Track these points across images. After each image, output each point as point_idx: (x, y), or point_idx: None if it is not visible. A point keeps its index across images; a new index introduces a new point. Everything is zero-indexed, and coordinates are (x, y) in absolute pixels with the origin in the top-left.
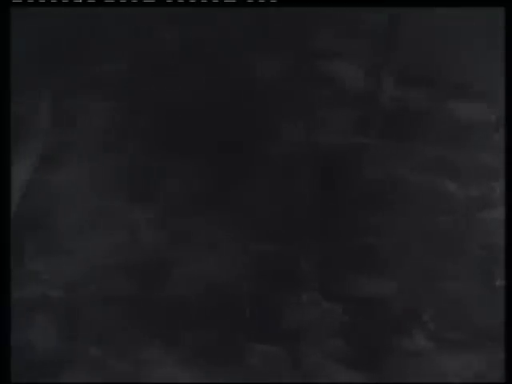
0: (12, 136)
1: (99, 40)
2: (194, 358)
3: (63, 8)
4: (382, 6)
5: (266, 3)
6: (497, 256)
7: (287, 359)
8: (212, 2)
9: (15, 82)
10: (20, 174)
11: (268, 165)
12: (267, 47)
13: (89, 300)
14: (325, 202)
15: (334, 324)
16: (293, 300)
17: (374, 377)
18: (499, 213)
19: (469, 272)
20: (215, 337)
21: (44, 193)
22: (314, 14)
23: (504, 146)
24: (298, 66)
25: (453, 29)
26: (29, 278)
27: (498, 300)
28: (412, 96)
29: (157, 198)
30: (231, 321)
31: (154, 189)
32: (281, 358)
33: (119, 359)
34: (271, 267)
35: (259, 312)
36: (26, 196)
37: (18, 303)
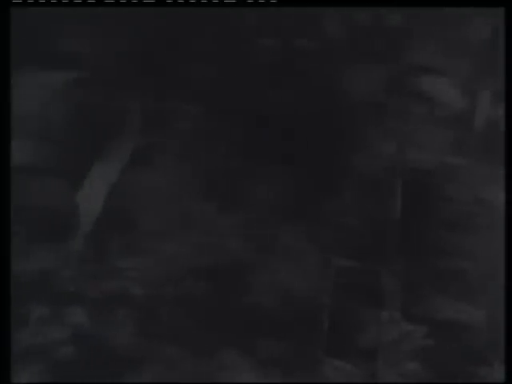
0: (102, 136)
1: (190, 42)
2: (269, 366)
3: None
4: (383, 6)
5: (266, 3)
6: None
7: (362, 377)
8: (212, 2)
9: (108, 83)
10: (108, 173)
11: (357, 178)
12: (363, 60)
13: (169, 300)
14: (413, 220)
15: (412, 346)
16: (372, 318)
17: None
18: None
19: None
20: (291, 348)
21: (132, 193)
22: (410, 29)
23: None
24: (393, 81)
25: None
26: (112, 275)
27: None
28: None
29: (244, 203)
30: (308, 333)
31: (241, 194)
32: (355, 376)
33: (194, 361)
34: (352, 282)
35: (337, 327)
36: (114, 195)
37: (100, 299)
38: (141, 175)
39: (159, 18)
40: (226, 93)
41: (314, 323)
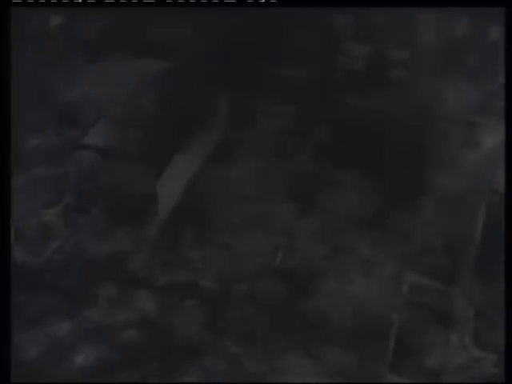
0: (187, 127)
1: (282, 45)
2: (332, 374)
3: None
4: (383, 6)
5: (266, 3)
6: None
7: None
8: (212, 2)
9: (198, 76)
10: (190, 164)
11: (439, 195)
12: (456, 74)
13: (239, 297)
14: (493, 245)
15: (480, 373)
16: (441, 340)
17: None
18: None
19: None
20: (355, 359)
21: (211, 186)
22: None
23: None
24: (486, 98)
25: None
26: (183, 266)
27: None
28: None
29: (322, 208)
30: (374, 347)
31: (320, 199)
32: None
33: (257, 361)
34: (424, 301)
35: (404, 344)
36: (192, 187)
37: (169, 287)
38: (222, 170)
39: (249, 17)
40: (316, 97)
41: (381, 338)
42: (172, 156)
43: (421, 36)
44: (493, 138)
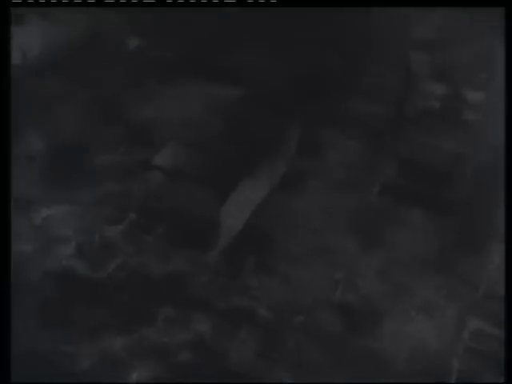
0: (256, 154)
1: (358, 79)
2: None
3: None
4: (384, 6)
5: (266, 3)
6: None
7: None
8: (212, 2)
9: (270, 104)
10: (256, 191)
11: (504, 241)
12: None
13: (295, 328)
14: None
15: None
16: None
17: None
18: None
19: None
20: None
21: (276, 215)
22: None
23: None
24: None
25: None
26: (242, 292)
27: None
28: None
29: (386, 245)
30: None
31: (383, 236)
32: None
33: None
34: (487, 349)
35: None
36: (258, 214)
37: (226, 312)
38: (288, 200)
39: (328, 49)
40: (387, 133)
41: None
42: (238, 182)
43: (498, 77)
44: None
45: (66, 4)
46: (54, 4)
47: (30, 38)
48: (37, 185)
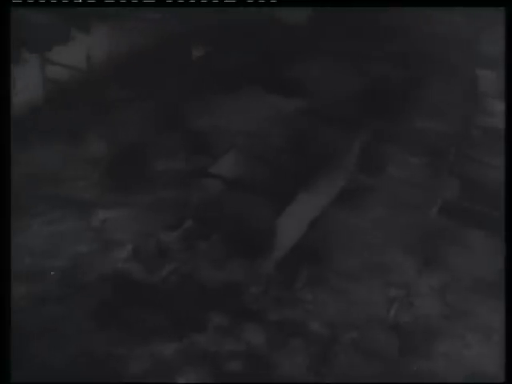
0: (315, 167)
1: (422, 95)
2: None
3: None
4: (385, 6)
5: (266, 3)
6: None
7: None
8: (212, 2)
9: (332, 117)
10: (313, 205)
11: None
12: None
13: (347, 345)
14: None
15: None
16: None
17: None
18: None
19: None
20: None
21: (333, 229)
22: None
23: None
24: None
25: None
26: (295, 305)
27: None
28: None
29: (443, 266)
30: None
31: (442, 256)
32: None
33: None
34: None
35: None
36: (314, 227)
37: (278, 324)
38: (346, 214)
39: (391, 63)
40: (450, 152)
41: None
42: (296, 194)
43: None
44: None
45: (65, 4)
46: (54, 4)
47: (95, 44)
48: (97, 187)
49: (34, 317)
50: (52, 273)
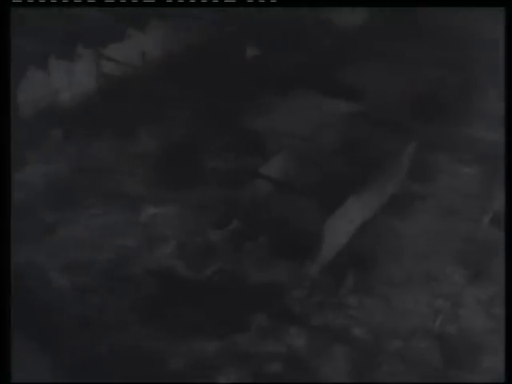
0: (366, 172)
1: (475, 104)
2: None
3: None
4: (382, 6)
5: (266, 3)
6: None
7: None
8: (212, 2)
9: (384, 123)
10: (362, 210)
11: None
12: None
13: (392, 353)
14: None
15: None
16: None
17: None
18: None
19: None
20: None
21: (381, 235)
22: None
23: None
24: None
25: None
26: (339, 310)
27: None
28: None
29: (492, 278)
30: None
31: (492, 268)
32: None
33: None
34: None
35: None
36: (361, 233)
37: (321, 329)
38: (394, 221)
39: (445, 70)
40: (502, 161)
41: None
42: (345, 198)
43: None
44: None
45: (65, 4)
46: (54, 4)
47: (150, 42)
48: (146, 183)
49: (79, 307)
50: None
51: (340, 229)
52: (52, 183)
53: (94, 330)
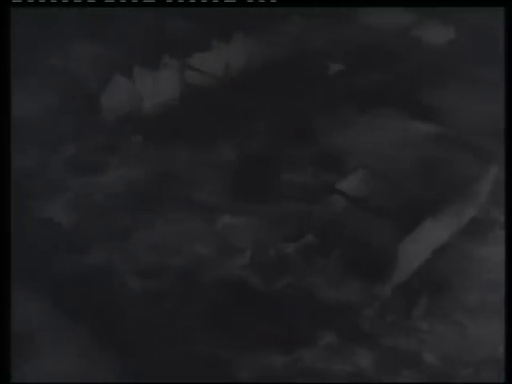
0: (442, 195)
1: None
2: None
3: None
4: (382, 6)
5: (266, 3)
6: None
7: None
8: (212, 2)
9: (465, 146)
10: (439, 234)
11: None
12: None
13: (459, 379)
14: None
15: None
16: None
17: None
18: None
19: None
20: None
21: (457, 261)
22: None
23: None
24: None
25: None
26: (410, 333)
27: None
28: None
29: None
30: None
31: None
32: None
33: None
34: None
35: None
36: (438, 256)
37: (390, 351)
38: (471, 246)
39: None
40: None
41: None
42: (422, 219)
43: None
44: None
45: (65, 4)
46: (54, 4)
47: (234, 53)
48: (223, 193)
49: (149, 311)
50: None
51: (415, 251)
52: (130, 187)
53: (162, 335)
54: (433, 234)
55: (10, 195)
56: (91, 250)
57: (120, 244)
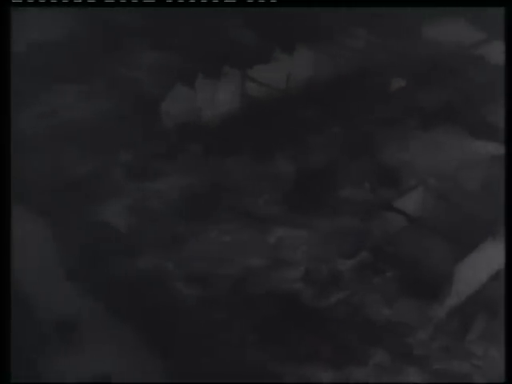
0: (502, 219)
1: None
2: None
3: None
4: (382, 6)
5: (266, 3)
6: None
7: None
8: (212, 2)
9: None
10: (498, 256)
11: None
12: None
13: None
14: None
15: None
16: None
17: None
18: None
19: None
20: None
21: None
22: None
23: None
24: None
25: None
26: (463, 357)
27: None
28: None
29: None
30: None
31: None
32: None
33: None
34: None
35: None
36: (496, 279)
37: (442, 373)
38: None
39: None
40: None
41: None
42: (480, 242)
43: None
44: None
45: (65, 4)
46: (54, 4)
47: (296, 66)
48: (278, 205)
49: (199, 320)
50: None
51: (472, 272)
52: (186, 195)
53: (210, 343)
54: (492, 256)
55: (10, 195)
56: (145, 255)
57: (173, 251)
